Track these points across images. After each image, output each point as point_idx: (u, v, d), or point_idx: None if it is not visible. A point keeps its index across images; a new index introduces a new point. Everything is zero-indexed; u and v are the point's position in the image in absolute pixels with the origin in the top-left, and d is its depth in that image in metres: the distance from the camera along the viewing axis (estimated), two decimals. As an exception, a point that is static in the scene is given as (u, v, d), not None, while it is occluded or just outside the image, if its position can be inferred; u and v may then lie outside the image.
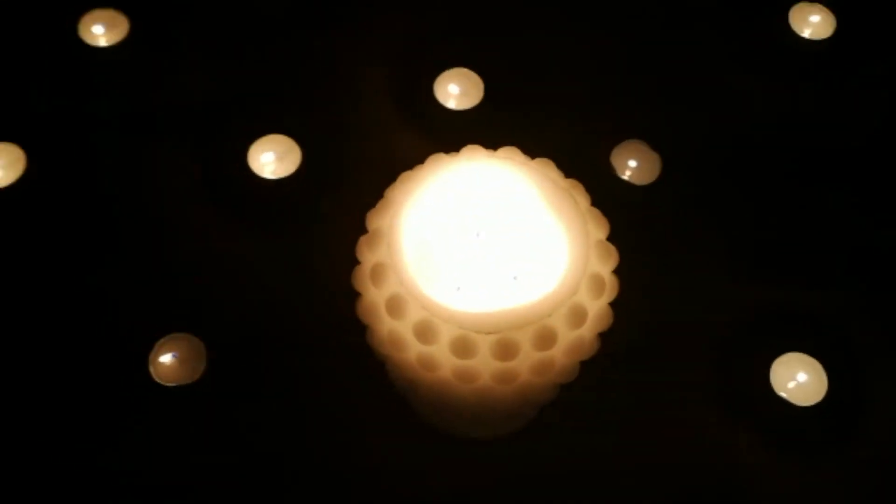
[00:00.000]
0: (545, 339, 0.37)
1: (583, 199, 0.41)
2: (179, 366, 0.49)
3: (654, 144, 0.57)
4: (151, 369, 0.49)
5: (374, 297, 0.39)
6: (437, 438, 0.50)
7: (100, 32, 0.59)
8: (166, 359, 0.49)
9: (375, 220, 0.40)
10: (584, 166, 0.45)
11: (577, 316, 0.38)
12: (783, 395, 0.50)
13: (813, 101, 0.60)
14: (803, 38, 0.60)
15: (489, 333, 0.37)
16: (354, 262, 0.40)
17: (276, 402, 0.50)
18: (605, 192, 0.43)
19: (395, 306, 0.38)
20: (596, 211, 0.41)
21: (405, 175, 0.41)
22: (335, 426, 0.50)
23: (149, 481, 0.49)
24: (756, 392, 0.51)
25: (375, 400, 0.50)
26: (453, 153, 0.41)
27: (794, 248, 0.56)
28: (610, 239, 0.40)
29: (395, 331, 0.39)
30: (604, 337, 0.41)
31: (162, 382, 0.49)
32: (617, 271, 0.40)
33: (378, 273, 0.38)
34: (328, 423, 0.50)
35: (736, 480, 0.50)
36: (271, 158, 0.54)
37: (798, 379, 0.50)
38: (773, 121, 0.60)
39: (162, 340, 0.50)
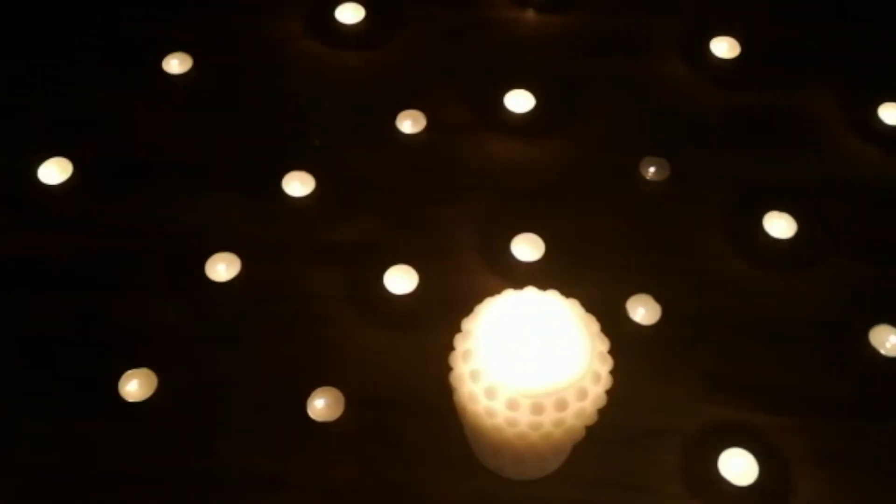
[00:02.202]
0: (561, 404, 0.60)
1: (594, 326, 0.65)
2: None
3: (658, 298, 0.81)
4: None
5: (462, 369, 0.63)
6: (491, 476, 0.73)
7: None
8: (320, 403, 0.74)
9: (467, 324, 0.65)
10: (602, 309, 0.68)
11: (582, 393, 0.61)
12: (727, 477, 0.72)
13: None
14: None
15: (528, 397, 0.60)
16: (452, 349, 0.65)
17: (390, 441, 0.74)
18: (617, 329, 0.67)
19: (474, 376, 0.62)
20: (602, 335, 0.64)
21: (489, 300, 0.66)
22: (425, 460, 0.74)
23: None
24: (707, 474, 0.73)
25: (455, 445, 0.73)
26: (519, 290, 0.66)
27: (747, 383, 0.78)
28: (610, 352, 0.64)
29: (472, 391, 0.62)
30: (600, 412, 0.64)
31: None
32: (612, 372, 0.64)
33: (465, 354, 0.63)
34: (421, 456, 0.74)
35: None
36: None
37: (738, 465, 0.72)
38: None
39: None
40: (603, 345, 0.64)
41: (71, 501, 0.71)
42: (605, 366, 0.63)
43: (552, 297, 0.65)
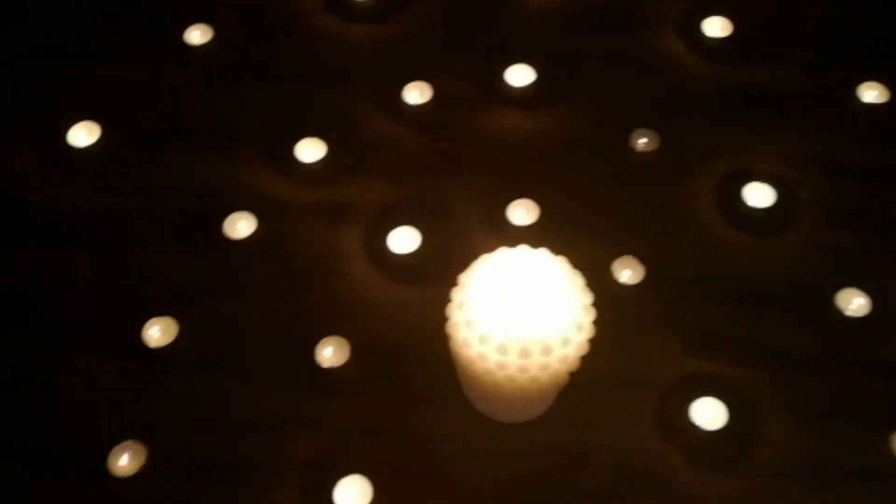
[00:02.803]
0: (546, 349, 0.67)
1: (580, 280, 0.71)
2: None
3: (642, 260, 0.87)
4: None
5: (457, 318, 0.69)
6: (482, 419, 0.79)
7: None
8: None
9: (463, 277, 0.71)
10: (590, 269, 0.73)
11: (566, 341, 0.67)
12: (696, 422, 0.79)
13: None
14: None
15: (516, 343, 0.67)
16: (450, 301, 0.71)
17: (390, 386, 0.81)
18: (604, 287, 0.73)
19: (468, 324, 0.68)
20: (587, 288, 0.71)
21: (484, 256, 0.72)
22: (422, 403, 0.80)
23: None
24: (680, 420, 0.79)
25: (450, 390, 0.80)
26: (512, 248, 0.72)
27: (721, 338, 0.84)
28: (594, 305, 0.70)
29: (466, 338, 0.69)
30: (583, 360, 0.70)
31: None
32: (595, 323, 0.70)
33: (461, 305, 0.69)
34: (418, 400, 0.80)
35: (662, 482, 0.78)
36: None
37: (708, 412, 0.79)
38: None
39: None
40: (587, 298, 0.70)
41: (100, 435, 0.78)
42: (588, 317, 0.69)
43: (542, 254, 0.71)
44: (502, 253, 0.71)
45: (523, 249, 0.71)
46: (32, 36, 1.01)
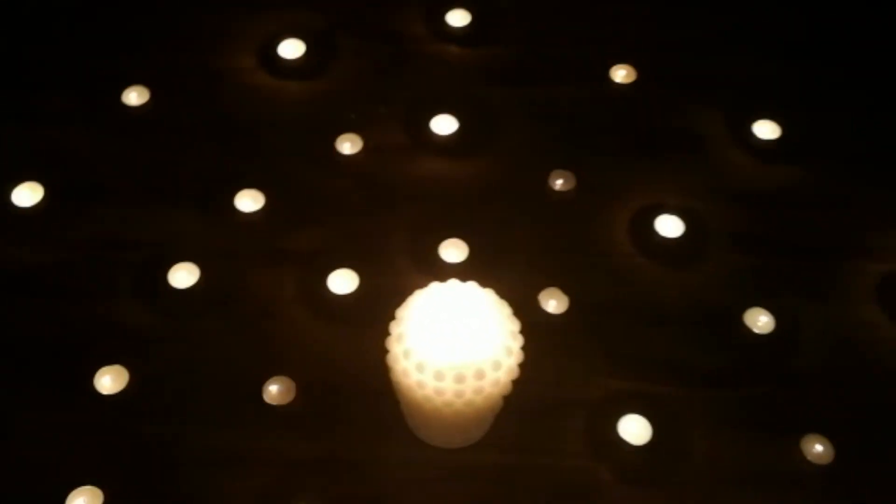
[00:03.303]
0: (479, 374, 0.72)
1: (507, 310, 0.76)
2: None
3: (566, 291, 0.93)
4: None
5: (396, 349, 0.74)
6: (424, 446, 0.84)
7: None
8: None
9: (400, 311, 0.76)
10: (518, 301, 0.79)
11: (497, 365, 0.73)
12: (624, 438, 0.84)
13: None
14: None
15: (451, 369, 0.72)
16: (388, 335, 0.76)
17: (335, 419, 0.85)
18: (532, 317, 0.78)
19: (406, 354, 0.73)
20: (514, 317, 0.76)
21: (418, 291, 0.77)
22: (366, 434, 0.84)
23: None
24: (608, 437, 0.85)
25: (392, 420, 0.84)
26: (443, 283, 0.77)
27: (643, 359, 0.91)
28: (521, 332, 0.76)
29: (405, 367, 0.73)
30: (515, 385, 0.76)
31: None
32: (523, 348, 0.75)
33: (399, 337, 0.74)
34: (362, 431, 0.84)
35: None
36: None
37: (634, 428, 0.85)
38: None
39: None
40: (514, 325, 0.75)
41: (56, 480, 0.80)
42: (516, 342, 0.75)
43: (471, 286, 0.76)
44: (434, 287, 0.77)
45: (453, 283, 0.77)
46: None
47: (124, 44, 1.10)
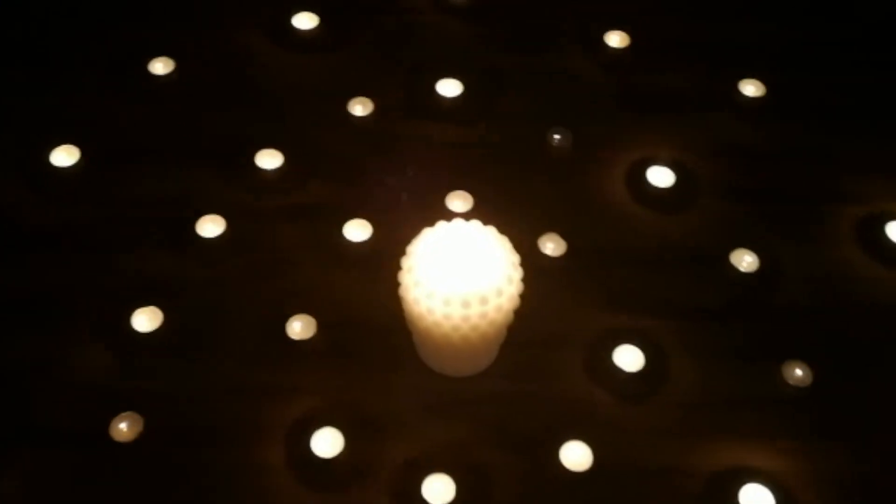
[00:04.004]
0: (483, 299, 0.79)
1: (507, 244, 0.83)
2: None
3: (564, 235, 1.00)
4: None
5: (407, 281, 0.82)
6: (435, 375, 0.91)
7: None
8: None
9: (410, 247, 0.84)
10: (519, 245, 0.86)
11: (499, 292, 0.80)
12: (619, 365, 0.92)
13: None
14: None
15: (458, 295, 0.79)
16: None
17: (354, 353, 0.92)
18: (532, 259, 0.86)
19: (417, 284, 0.80)
20: (514, 250, 0.83)
21: (425, 230, 0.84)
22: (382, 366, 0.92)
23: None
24: (604, 365, 0.92)
25: (406, 353, 0.91)
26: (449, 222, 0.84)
27: (636, 297, 0.98)
28: (521, 264, 0.83)
29: (415, 296, 0.81)
30: (517, 316, 0.83)
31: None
32: (523, 280, 0.83)
33: (410, 269, 0.81)
34: (378, 363, 0.92)
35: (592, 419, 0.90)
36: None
37: (628, 357, 0.92)
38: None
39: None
40: (514, 257, 0.83)
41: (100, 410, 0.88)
42: (516, 272, 0.82)
43: (474, 224, 0.84)
44: (441, 225, 0.84)
45: (458, 222, 0.84)
46: (15, 74, 1.12)
47: (148, 19, 1.18)
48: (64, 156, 1.03)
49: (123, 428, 0.85)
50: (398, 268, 0.83)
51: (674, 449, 0.88)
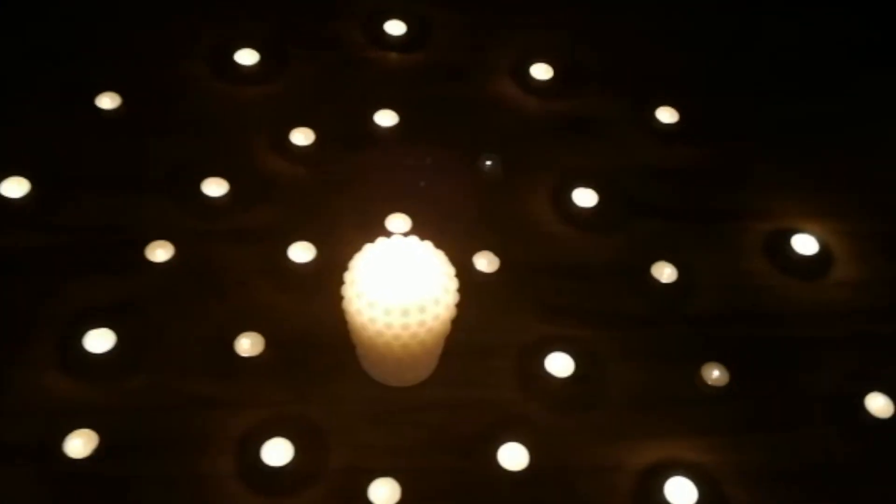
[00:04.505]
0: (422, 308, 0.84)
1: (443, 257, 0.89)
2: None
3: (497, 253, 1.06)
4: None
5: (350, 293, 0.87)
6: (378, 386, 0.96)
7: None
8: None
9: (352, 262, 0.89)
10: (455, 263, 0.91)
11: (436, 301, 0.85)
12: (551, 371, 0.98)
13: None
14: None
15: (397, 304, 0.84)
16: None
17: (300, 366, 0.96)
18: (467, 275, 0.91)
19: (359, 296, 0.85)
20: (449, 263, 0.89)
21: (366, 245, 0.90)
22: (327, 379, 0.96)
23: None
24: (536, 372, 0.98)
25: (349, 366, 0.96)
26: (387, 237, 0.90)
27: (565, 308, 1.04)
28: (457, 275, 0.89)
29: (358, 308, 0.86)
30: (454, 326, 0.89)
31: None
32: (458, 290, 0.88)
33: (352, 282, 0.86)
34: (323, 376, 0.96)
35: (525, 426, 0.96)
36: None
37: (559, 364, 0.98)
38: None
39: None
40: (450, 269, 0.88)
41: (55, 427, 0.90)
42: (451, 282, 0.88)
43: (412, 240, 0.89)
44: (381, 241, 0.89)
45: (397, 238, 0.89)
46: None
47: (94, 53, 1.22)
48: (15, 186, 1.06)
49: (78, 444, 0.87)
50: (341, 283, 0.88)
51: (604, 448, 0.94)
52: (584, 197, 1.13)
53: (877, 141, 1.23)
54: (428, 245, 0.89)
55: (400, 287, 0.85)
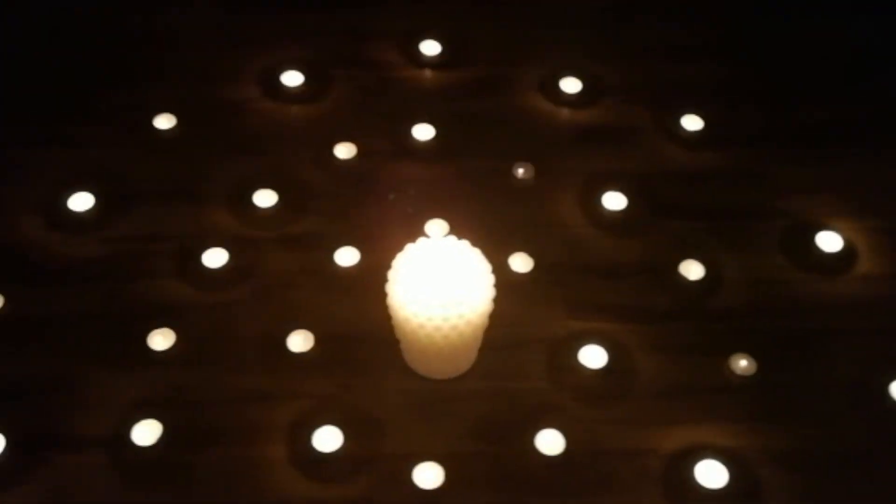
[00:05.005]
0: (460, 302, 0.90)
1: (478, 255, 0.95)
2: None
3: (531, 254, 1.12)
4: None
5: (394, 289, 0.93)
6: (421, 379, 1.02)
7: None
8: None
9: (395, 261, 0.95)
10: (491, 262, 0.97)
11: (474, 294, 0.91)
12: (584, 363, 1.03)
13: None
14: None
15: (437, 299, 0.90)
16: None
17: (348, 362, 1.03)
18: (502, 276, 0.97)
19: (401, 291, 0.91)
20: (485, 260, 0.95)
21: (408, 245, 0.96)
22: (373, 373, 1.02)
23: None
24: (569, 364, 1.03)
25: (394, 361, 1.02)
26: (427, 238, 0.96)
27: (596, 304, 1.09)
28: (493, 274, 0.94)
29: (401, 303, 0.92)
30: (491, 320, 0.94)
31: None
32: (496, 286, 0.94)
33: (395, 279, 0.92)
34: (370, 370, 1.02)
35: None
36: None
37: (592, 356, 1.03)
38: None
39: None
40: (486, 265, 0.94)
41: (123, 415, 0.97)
42: (487, 277, 0.93)
43: (450, 239, 0.95)
44: (422, 241, 0.95)
45: (437, 238, 0.95)
46: (37, 130, 1.24)
47: (151, 79, 1.30)
48: (81, 200, 1.14)
49: (143, 431, 0.94)
50: (384, 283, 0.94)
51: (636, 434, 0.99)
52: (614, 201, 1.18)
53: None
54: (465, 244, 0.95)
55: (440, 283, 0.91)
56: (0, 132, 1.24)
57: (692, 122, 1.27)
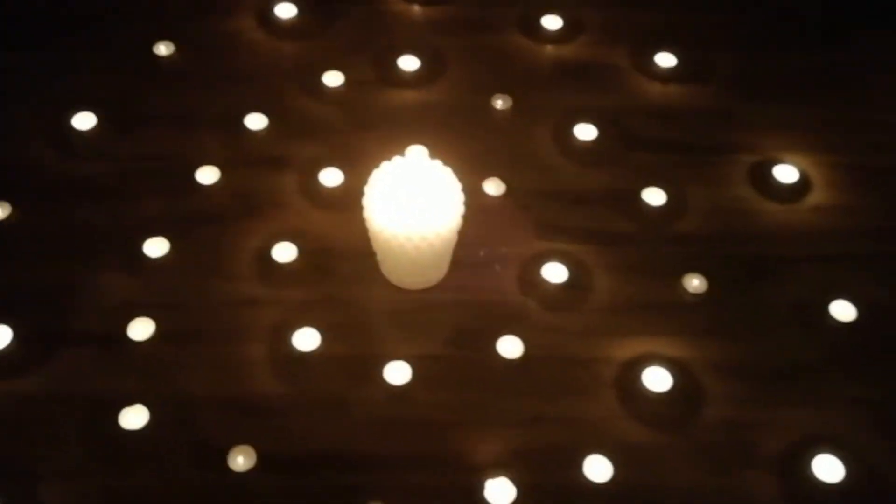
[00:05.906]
0: (431, 214, 0.97)
1: (449, 172, 1.02)
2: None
3: (503, 179, 1.19)
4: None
5: (370, 201, 1.00)
6: (396, 289, 1.09)
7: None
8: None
9: (371, 177, 1.02)
10: (465, 187, 1.04)
11: (444, 206, 0.98)
12: (546, 278, 1.10)
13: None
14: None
15: (411, 209, 0.97)
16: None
17: (329, 272, 1.10)
18: (476, 199, 1.04)
19: (376, 201, 0.99)
20: (455, 178, 1.02)
21: (384, 162, 1.03)
22: (353, 281, 1.10)
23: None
24: (534, 279, 1.11)
25: (372, 272, 1.10)
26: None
27: (562, 227, 1.16)
28: (468, 198, 1.01)
29: (377, 213, 0.99)
30: (460, 237, 1.01)
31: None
32: (465, 203, 1.01)
33: (371, 192, 1.00)
34: (350, 279, 1.10)
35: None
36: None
37: (554, 272, 1.10)
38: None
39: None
40: (455, 183, 1.01)
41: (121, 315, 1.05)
42: (457, 194, 1.00)
43: (424, 157, 1.02)
44: (398, 158, 1.02)
45: (412, 154, 1.02)
46: (34, 56, 1.31)
47: (152, 14, 1.37)
48: (83, 119, 1.21)
49: (138, 329, 1.03)
50: (361, 209, 1.01)
51: (592, 343, 1.06)
52: (584, 132, 1.24)
53: (867, 90, 1.32)
54: (437, 163, 1.02)
55: (411, 198, 0.98)
56: (4, 59, 1.30)
57: (665, 60, 1.33)
